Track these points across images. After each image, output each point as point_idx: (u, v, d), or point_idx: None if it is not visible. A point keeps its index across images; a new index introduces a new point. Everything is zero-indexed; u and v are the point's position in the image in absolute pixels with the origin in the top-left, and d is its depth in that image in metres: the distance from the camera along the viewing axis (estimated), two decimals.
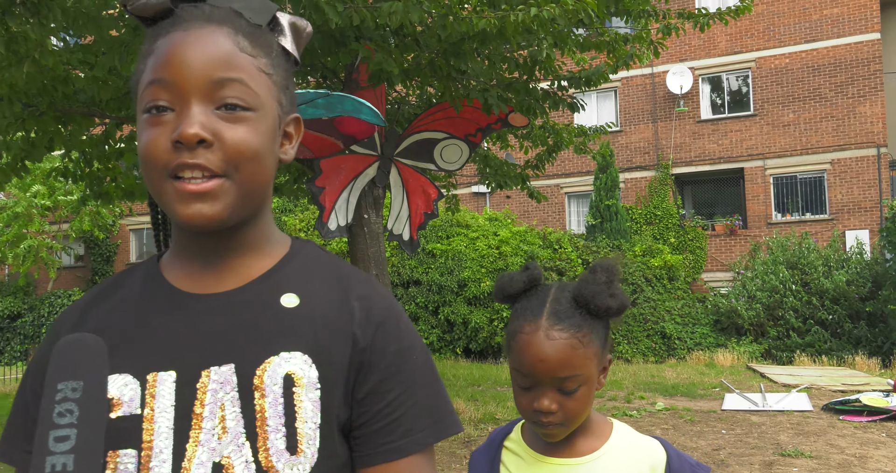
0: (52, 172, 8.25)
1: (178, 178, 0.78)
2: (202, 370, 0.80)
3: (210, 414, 0.78)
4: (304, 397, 0.79)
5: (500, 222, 16.20)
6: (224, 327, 0.82)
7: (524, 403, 1.24)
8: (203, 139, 0.77)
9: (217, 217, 0.79)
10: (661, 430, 7.32)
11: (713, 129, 17.21)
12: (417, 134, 7.49)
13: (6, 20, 4.40)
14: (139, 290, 0.88)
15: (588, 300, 1.23)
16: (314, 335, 0.82)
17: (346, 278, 0.88)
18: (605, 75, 6.87)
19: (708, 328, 14.54)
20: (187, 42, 0.79)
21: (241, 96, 0.79)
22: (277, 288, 0.85)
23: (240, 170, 0.79)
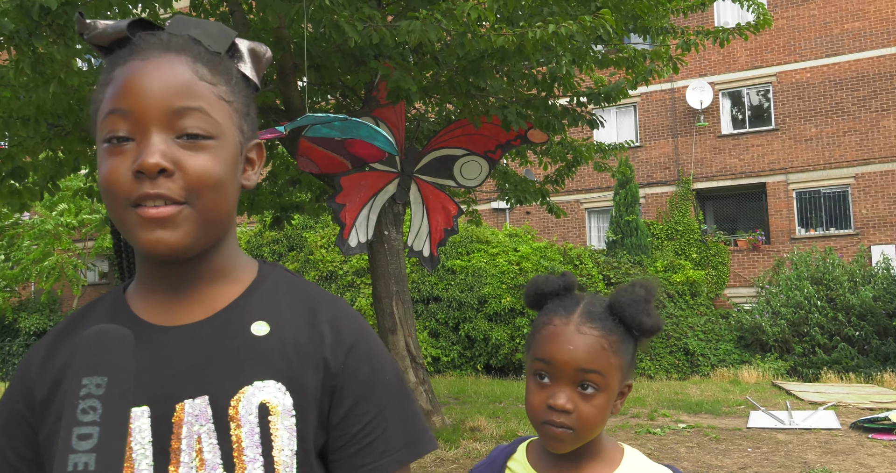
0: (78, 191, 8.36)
1: (138, 206, 0.77)
2: (176, 404, 0.79)
3: (187, 448, 0.78)
4: (279, 425, 0.79)
5: (520, 238, 16.17)
6: (195, 359, 0.81)
7: (536, 401, 1.18)
8: (164, 168, 0.76)
9: (178, 244, 0.78)
10: (685, 448, 7.22)
11: (734, 144, 17.11)
12: (437, 151, 7.53)
13: (33, 41, 4.49)
14: (107, 322, 0.85)
15: (623, 308, 1.21)
16: (286, 362, 0.82)
17: (314, 302, 0.87)
18: (624, 91, 6.88)
19: (732, 345, 14.35)
20: (146, 71, 0.78)
21: (202, 125, 0.79)
22: (247, 316, 0.84)
23: (201, 197, 0.79)
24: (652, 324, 1.22)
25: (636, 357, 1.26)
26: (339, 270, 15.88)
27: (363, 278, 15.13)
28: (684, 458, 6.83)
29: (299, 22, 5.12)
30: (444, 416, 7.93)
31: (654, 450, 7.16)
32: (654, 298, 1.25)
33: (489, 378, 14.07)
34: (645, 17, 6.13)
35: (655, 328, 1.23)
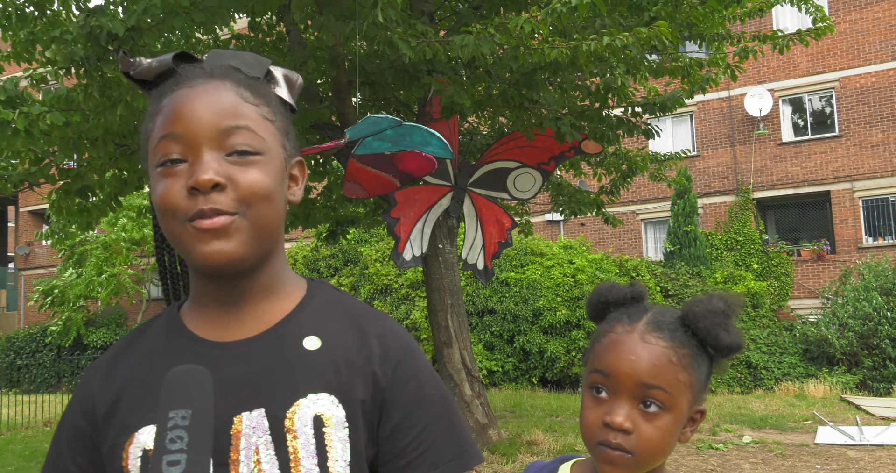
0: (143, 209, 8.63)
1: (193, 221, 0.82)
2: (234, 417, 0.82)
3: (245, 459, 0.81)
4: (333, 436, 0.82)
5: (574, 250, 16.02)
6: (250, 373, 0.84)
7: (591, 418, 1.05)
8: (217, 183, 0.80)
9: (234, 254, 0.82)
10: (749, 464, 7.03)
11: (796, 151, 16.67)
12: (490, 164, 7.54)
13: (101, 66, 4.68)
14: (162, 340, 0.90)
15: (698, 319, 1.07)
16: (338, 375, 0.85)
17: (362, 319, 0.90)
18: (680, 100, 6.79)
19: (797, 358, 13.92)
20: (194, 97, 0.84)
21: (249, 142, 0.83)
22: (298, 332, 0.87)
23: (252, 209, 0.82)
24: (731, 341, 1.07)
25: (710, 380, 1.11)
26: (394, 283, 15.98)
27: (418, 291, 15.19)
28: None
29: (353, 40, 5.21)
30: (501, 430, 7.89)
31: (717, 466, 6.99)
32: (734, 313, 1.09)
33: (545, 392, 13.95)
34: (700, 24, 6.05)
35: (735, 347, 1.08)
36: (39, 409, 12.97)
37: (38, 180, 6.75)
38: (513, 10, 5.68)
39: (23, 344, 21.87)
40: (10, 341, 22.13)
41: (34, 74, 5.55)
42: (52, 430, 11.18)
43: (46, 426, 11.71)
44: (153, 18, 4.67)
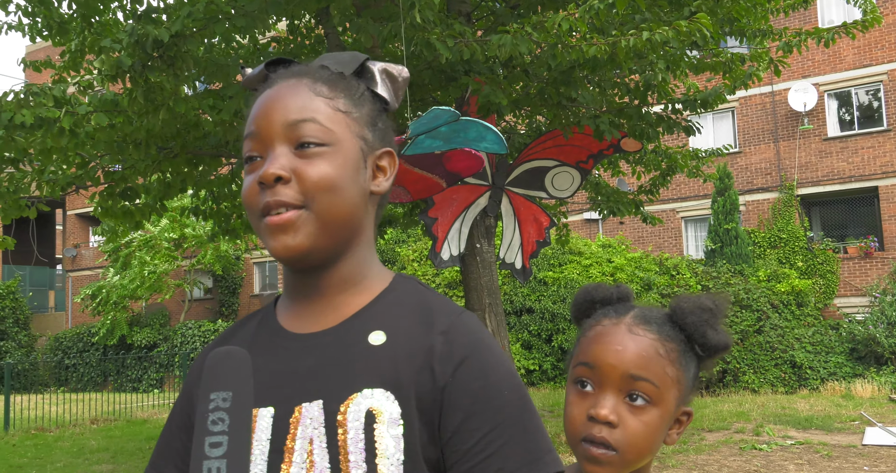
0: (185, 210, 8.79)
1: (266, 215, 0.85)
2: (295, 407, 0.84)
3: (300, 449, 0.82)
4: (385, 433, 0.80)
5: (613, 249, 15.89)
6: (314, 365, 0.86)
7: (576, 413, 1.01)
8: (280, 177, 0.83)
9: (300, 247, 0.84)
10: (794, 465, 6.89)
11: (842, 146, 16.29)
12: (528, 163, 7.51)
13: (146, 73, 4.77)
14: (253, 331, 0.94)
15: (685, 314, 1.04)
16: (397, 371, 0.83)
17: (433, 314, 0.87)
18: (722, 96, 6.69)
19: (843, 357, 13.61)
20: (270, 96, 0.88)
21: (314, 134, 0.85)
22: (367, 326, 0.87)
23: (317, 200, 0.84)
24: (718, 340, 1.04)
25: (697, 381, 1.07)
26: (432, 283, 16.02)
27: (455, 290, 15.20)
28: None
29: (391, 41, 5.23)
30: None
31: (761, 467, 6.87)
32: (722, 313, 1.06)
33: None
34: (742, 19, 5.94)
35: (722, 346, 1.05)
36: (86, 407, 13.28)
37: (84, 183, 6.91)
38: (550, 9, 5.65)
39: (70, 344, 22.42)
40: (58, 340, 22.71)
41: (81, 81, 5.68)
42: (99, 428, 11.44)
43: (93, 423, 11.99)
44: (196, 24, 4.75)
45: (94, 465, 8.14)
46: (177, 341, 20.70)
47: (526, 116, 8.07)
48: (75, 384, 21.29)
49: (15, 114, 4.92)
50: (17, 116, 4.91)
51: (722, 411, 10.32)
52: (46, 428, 11.44)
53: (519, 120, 8.37)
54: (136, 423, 11.87)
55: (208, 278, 22.55)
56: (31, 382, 21.04)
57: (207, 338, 20.33)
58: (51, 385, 21.34)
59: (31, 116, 4.95)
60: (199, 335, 20.52)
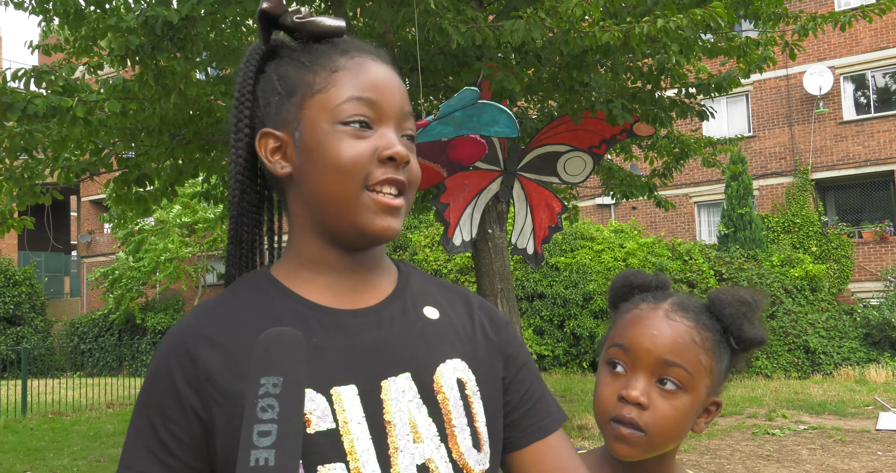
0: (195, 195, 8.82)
1: (373, 191, 0.84)
2: (380, 382, 0.83)
3: (400, 421, 0.82)
4: (475, 399, 0.87)
5: (626, 234, 15.83)
6: (382, 339, 0.85)
7: (607, 393, 1.02)
8: (408, 161, 0.86)
9: (398, 233, 0.88)
10: (807, 450, 6.89)
11: (858, 130, 16.12)
12: (540, 148, 7.48)
13: (156, 55, 4.77)
14: (271, 306, 0.86)
15: (724, 306, 1.05)
16: (461, 342, 0.90)
17: (461, 292, 0.99)
18: (736, 80, 6.62)
19: (857, 342, 13.55)
20: (389, 75, 0.89)
21: (414, 128, 0.90)
22: (417, 302, 0.91)
23: (409, 192, 0.88)
24: (754, 334, 1.04)
25: (729, 373, 1.08)
26: (444, 269, 16.03)
27: (467, 276, 15.22)
28: (807, 461, 6.52)
29: (403, 27, 5.20)
30: None
31: (774, 452, 6.87)
32: (760, 307, 1.07)
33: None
34: (756, 2, 5.87)
35: (757, 340, 1.05)
36: (102, 391, 13.43)
37: (98, 170, 6.94)
38: None
39: (86, 329, 22.65)
40: (74, 326, 22.94)
41: (91, 62, 5.69)
42: (115, 412, 11.56)
43: (109, 407, 12.13)
44: (206, 7, 4.74)
45: (111, 448, 8.25)
46: None
47: (538, 102, 8.03)
48: (91, 368, 21.52)
49: (28, 103, 4.93)
50: (29, 105, 4.92)
51: (735, 396, 10.31)
52: (63, 412, 11.58)
53: (531, 105, 8.33)
54: None
55: (221, 263, 22.67)
56: (47, 367, 21.28)
57: None
58: (67, 370, 21.58)
59: (43, 105, 4.95)
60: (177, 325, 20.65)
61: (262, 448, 0.73)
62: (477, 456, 0.84)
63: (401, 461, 0.80)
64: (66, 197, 27.89)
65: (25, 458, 7.87)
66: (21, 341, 21.94)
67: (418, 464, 0.81)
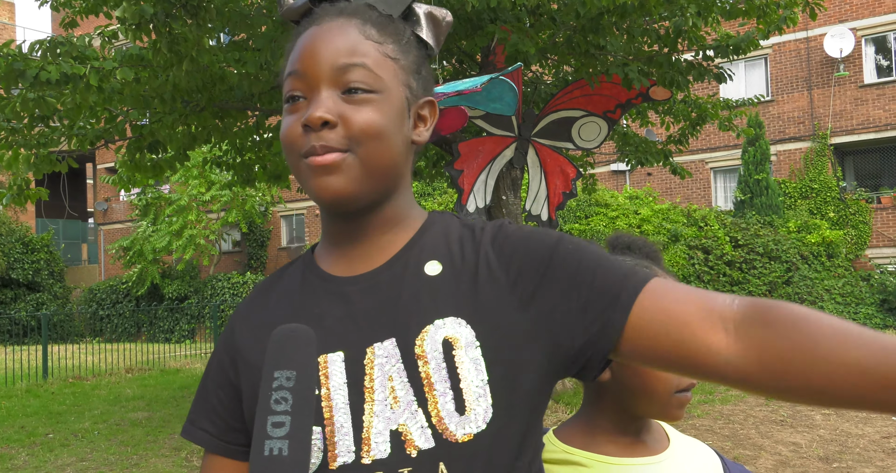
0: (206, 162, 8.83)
1: (307, 158, 0.84)
2: (366, 348, 0.83)
3: (380, 387, 0.82)
4: (464, 357, 0.81)
5: (641, 201, 15.75)
6: (377, 304, 0.85)
7: (664, 381, 1.04)
8: (326, 121, 0.81)
9: (344, 190, 0.83)
10: (821, 416, 6.91)
11: (878, 93, 15.83)
12: (555, 113, 7.40)
13: (169, 22, 4.74)
14: (298, 281, 0.93)
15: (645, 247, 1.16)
16: (462, 296, 0.84)
17: (477, 231, 0.89)
18: (755, 42, 6.50)
19: (874, 309, 13.50)
20: (318, 35, 0.85)
21: (364, 80, 0.83)
22: (420, 258, 0.88)
23: (362, 146, 0.83)
24: None
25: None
26: None
27: None
28: (820, 426, 6.54)
29: None
30: (566, 380, 7.92)
31: (788, 417, 6.89)
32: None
33: None
34: None
35: None
36: (121, 357, 13.64)
37: (112, 137, 6.95)
38: None
39: (104, 296, 22.94)
40: (93, 292, 23.24)
41: (105, 31, 5.65)
42: (134, 377, 11.76)
43: (128, 372, 12.33)
44: None
45: (131, 412, 8.40)
46: (207, 293, 21.06)
47: (553, 66, 7.92)
48: (110, 334, 21.84)
49: (40, 70, 4.92)
50: (42, 72, 4.92)
51: None
52: (83, 377, 11.79)
53: (546, 70, 8.23)
54: (170, 372, 12.18)
55: (237, 231, 22.81)
56: (67, 332, 21.62)
57: (237, 290, 20.65)
58: (86, 336, 21.92)
59: (56, 72, 4.95)
60: (229, 287, 20.85)
61: (276, 439, 0.77)
62: (460, 419, 0.79)
63: (375, 425, 0.81)
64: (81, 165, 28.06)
65: (47, 421, 8.04)
66: (41, 307, 22.26)
67: (391, 430, 0.80)
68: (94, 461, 6.24)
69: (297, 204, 22.52)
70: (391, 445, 0.80)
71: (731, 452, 5.75)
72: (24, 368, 12.05)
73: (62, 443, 6.94)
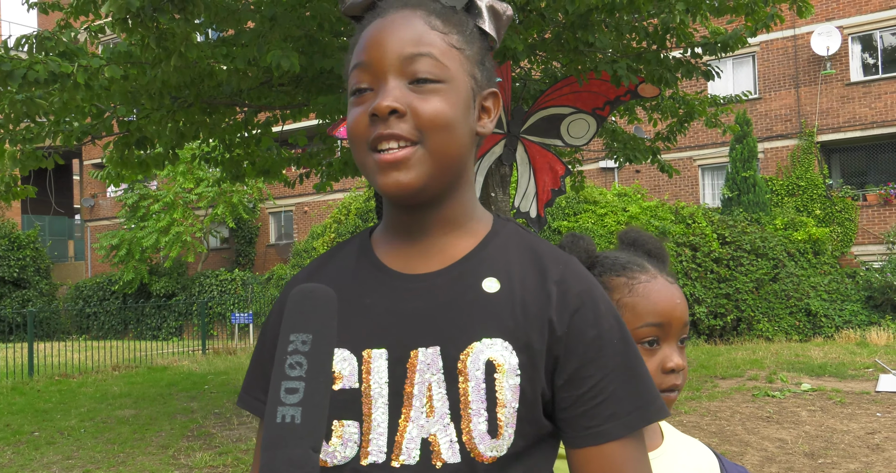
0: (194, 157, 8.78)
1: (378, 151, 0.83)
2: (410, 351, 0.83)
3: (419, 393, 0.81)
4: (504, 383, 0.80)
5: (629, 198, 15.79)
6: (429, 309, 0.84)
7: (650, 370, 1.03)
8: (395, 110, 0.81)
9: (413, 185, 0.82)
10: (807, 412, 6.96)
11: (864, 91, 15.94)
12: (544, 110, 7.40)
13: (157, 17, 4.70)
14: (352, 265, 0.91)
15: (648, 243, 1.15)
16: (514, 321, 0.83)
17: (544, 261, 0.87)
18: (742, 39, 6.52)
19: (859, 305, 13.60)
20: (383, 26, 0.85)
21: (431, 70, 0.83)
22: (479, 271, 0.86)
23: (431, 138, 0.82)
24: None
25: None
26: None
27: None
28: (806, 422, 6.59)
29: None
30: None
31: (774, 414, 6.94)
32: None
33: None
34: None
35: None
36: (108, 354, 13.56)
37: (99, 134, 6.90)
38: None
39: (90, 293, 22.79)
40: (79, 289, 23.08)
41: (92, 26, 5.61)
42: (121, 374, 11.68)
43: (115, 370, 12.26)
44: None
45: (117, 410, 8.35)
46: (194, 290, 20.97)
47: (542, 62, 7.93)
48: (96, 331, 21.71)
49: (28, 70, 4.88)
50: (30, 72, 4.87)
51: (735, 358, 10.38)
52: (70, 375, 11.72)
53: (534, 66, 8.23)
54: (157, 370, 12.12)
55: (225, 228, 22.71)
56: (53, 330, 21.48)
57: (224, 287, 20.57)
58: (72, 333, 21.78)
59: (44, 71, 4.90)
60: (217, 284, 20.76)
61: (289, 406, 0.76)
62: (491, 442, 0.79)
63: (409, 431, 0.80)
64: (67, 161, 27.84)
65: (33, 419, 7.98)
66: (26, 304, 22.10)
67: (423, 438, 0.80)
68: (81, 459, 6.21)
69: (286, 201, 22.44)
70: (421, 453, 0.80)
71: (717, 448, 5.79)
72: (9, 365, 11.96)
73: (48, 441, 6.90)
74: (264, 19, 5.44)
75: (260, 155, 8.11)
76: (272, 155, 8.10)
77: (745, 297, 13.47)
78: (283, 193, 21.77)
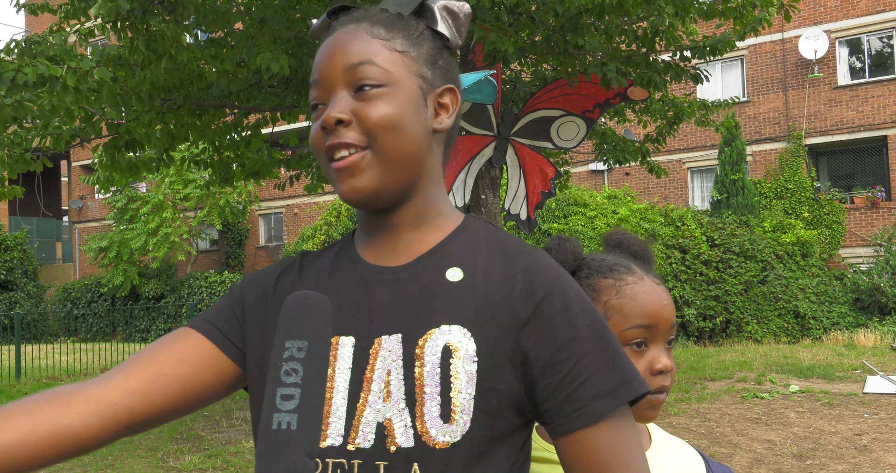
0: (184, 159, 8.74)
1: (334, 160, 0.87)
2: (375, 338, 0.85)
3: (378, 379, 0.83)
4: (460, 368, 0.81)
5: (619, 200, 15.84)
6: (393, 299, 0.87)
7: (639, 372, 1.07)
8: (340, 120, 0.85)
9: (367, 188, 0.86)
10: (795, 413, 7.00)
11: (852, 95, 16.06)
12: (534, 112, 7.42)
13: (147, 19, 4.69)
14: (332, 259, 0.96)
15: (634, 245, 1.16)
16: (475, 309, 0.84)
17: (511, 253, 0.88)
18: (731, 43, 6.56)
19: (847, 307, 13.69)
20: (330, 43, 0.90)
21: (372, 76, 0.86)
22: (443, 263, 0.89)
23: (379, 140, 0.86)
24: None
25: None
26: None
27: None
28: (794, 423, 6.62)
29: None
30: None
31: (762, 415, 6.97)
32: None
33: None
34: None
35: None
36: (96, 357, 13.48)
37: (88, 136, 6.86)
38: None
39: (79, 295, 22.65)
40: (67, 291, 22.94)
41: (82, 29, 5.58)
42: None
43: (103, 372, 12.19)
44: None
45: None
46: (184, 292, 20.87)
47: (532, 65, 7.95)
48: (84, 334, 21.57)
49: (17, 73, 4.85)
50: (19, 75, 4.84)
51: (724, 360, 10.43)
52: (57, 377, 11.64)
53: (525, 69, 8.25)
54: None
55: (214, 230, 22.62)
56: (40, 332, 21.32)
57: (214, 289, 20.49)
58: (60, 335, 21.64)
59: (33, 75, 4.88)
60: (206, 286, 20.68)
61: (284, 412, 0.78)
62: (443, 426, 0.80)
63: (366, 415, 0.82)
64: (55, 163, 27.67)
65: None
66: (14, 306, 21.94)
67: (379, 422, 0.81)
68: (69, 462, 6.17)
69: (276, 203, 22.39)
70: (376, 437, 0.81)
71: (706, 450, 5.81)
72: None
73: None
74: (254, 21, 5.43)
75: (250, 157, 8.09)
76: (262, 157, 8.09)
77: (734, 299, 13.54)
78: (273, 194, 21.72)
